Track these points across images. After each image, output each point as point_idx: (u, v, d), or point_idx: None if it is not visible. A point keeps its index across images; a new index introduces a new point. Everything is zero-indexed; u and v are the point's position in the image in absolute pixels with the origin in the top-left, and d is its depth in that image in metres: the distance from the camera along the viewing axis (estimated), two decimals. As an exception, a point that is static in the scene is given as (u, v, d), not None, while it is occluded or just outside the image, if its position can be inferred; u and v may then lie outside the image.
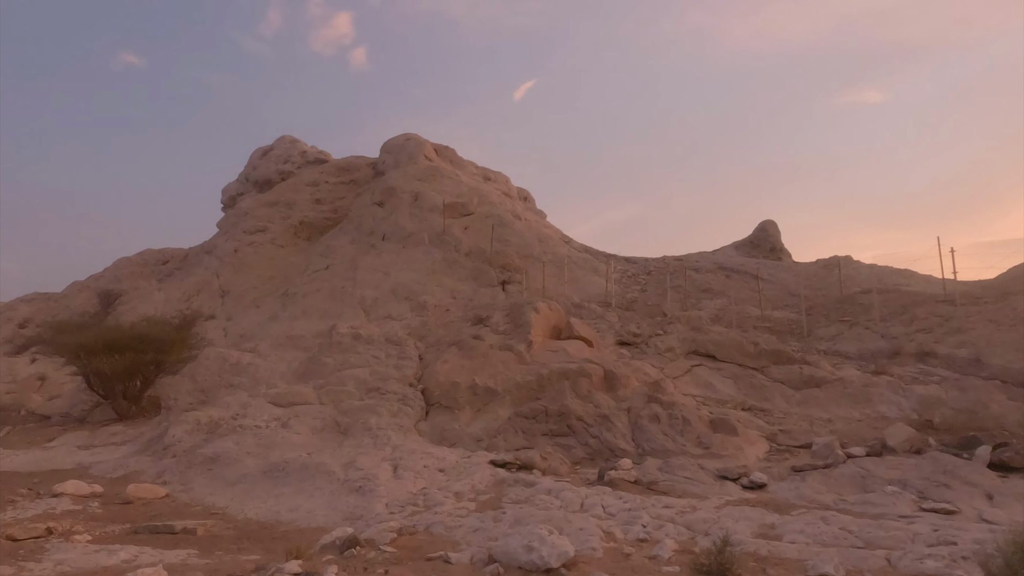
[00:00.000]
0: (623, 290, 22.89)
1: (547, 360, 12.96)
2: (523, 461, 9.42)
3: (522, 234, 26.11)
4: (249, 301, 26.36)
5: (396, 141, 32.70)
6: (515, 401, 11.98)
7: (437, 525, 6.67)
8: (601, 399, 11.54)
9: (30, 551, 5.76)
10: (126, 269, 35.80)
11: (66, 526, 6.87)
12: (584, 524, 6.39)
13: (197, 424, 11.73)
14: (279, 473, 9.43)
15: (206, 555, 5.95)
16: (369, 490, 8.28)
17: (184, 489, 9.48)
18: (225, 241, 31.47)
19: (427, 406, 12.49)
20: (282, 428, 11.39)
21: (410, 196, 27.70)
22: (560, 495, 7.78)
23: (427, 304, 19.95)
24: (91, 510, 8.08)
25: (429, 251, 24.44)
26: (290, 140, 37.76)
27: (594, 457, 10.49)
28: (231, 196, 37.57)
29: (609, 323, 18.17)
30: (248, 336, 21.16)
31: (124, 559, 5.64)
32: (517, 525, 6.42)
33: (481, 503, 7.76)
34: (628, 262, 26.84)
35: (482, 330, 14.47)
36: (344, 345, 14.64)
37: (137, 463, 11.24)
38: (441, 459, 9.79)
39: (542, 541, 5.31)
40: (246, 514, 8.07)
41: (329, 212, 31.69)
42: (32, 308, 33.26)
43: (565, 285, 21.99)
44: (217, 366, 14.58)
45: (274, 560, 5.55)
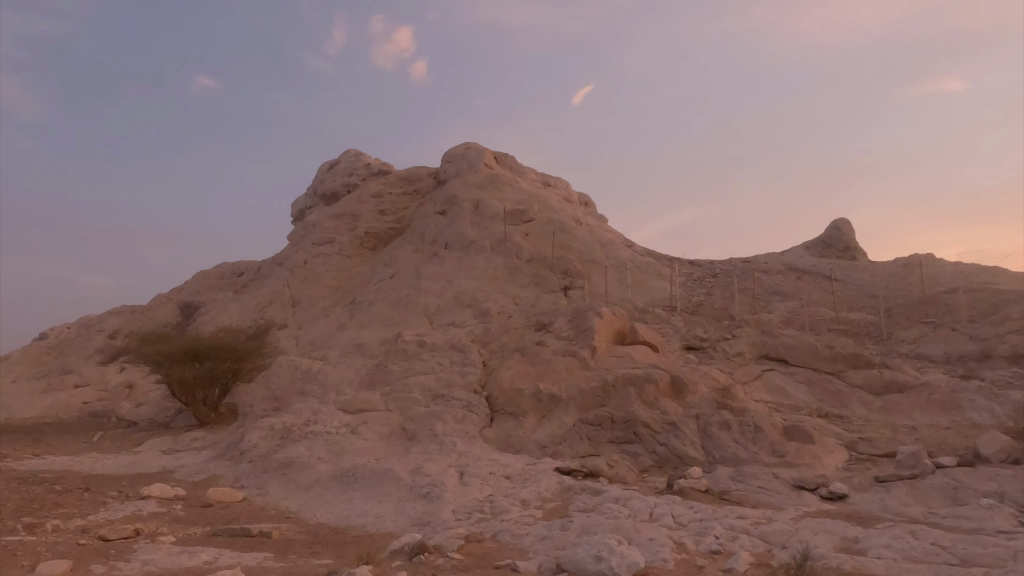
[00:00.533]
0: (688, 294, 22.37)
1: (611, 366, 12.78)
2: (589, 468, 9.30)
3: (583, 239, 25.93)
4: (318, 310, 27.18)
5: (456, 150, 33.13)
6: (580, 407, 11.85)
7: (504, 533, 6.65)
8: (668, 405, 11.28)
9: (119, 551, 6.06)
10: (205, 282, 37.62)
11: (152, 528, 7.21)
12: (654, 534, 6.23)
13: (271, 430, 12.13)
14: (349, 478, 9.63)
15: (281, 558, 6.11)
16: (436, 496, 8.34)
17: (260, 493, 9.80)
18: (295, 253, 32.60)
19: (491, 412, 12.51)
20: (351, 434, 11.63)
21: (471, 204, 27.97)
22: (628, 504, 7.63)
23: (490, 311, 20.05)
24: (175, 512, 8.45)
25: (491, 258, 24.58)
26: (355, 153, 38.84)
27: (662, 465, 10.26)
28: (300, 209, 38.93)
29: (674, 328, 17.78)
30: (318, 344, 21.79)
31: (205, 561, 5.86)
32: (585, 534, 6.32)
33: (548, 511, 7.69)
34: (693, 265, 26.23)
35: (545, 336, 14.41)
36: (409, 352, 14.86)
37: (216, 467, 11.70)
38: (506, 466, 9.77)
39: (611, 551, 5.20)
40: (318, 518, 8.26)
41: (393, 222, 32.38)
42: (120, 320, 35.36)
43: (628, 290, 21.67)
44: (289, 374, 15.05)
45: (346, 565, 5.65)
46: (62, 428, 20.05)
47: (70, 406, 25.72)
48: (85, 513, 8.14)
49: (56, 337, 37.28)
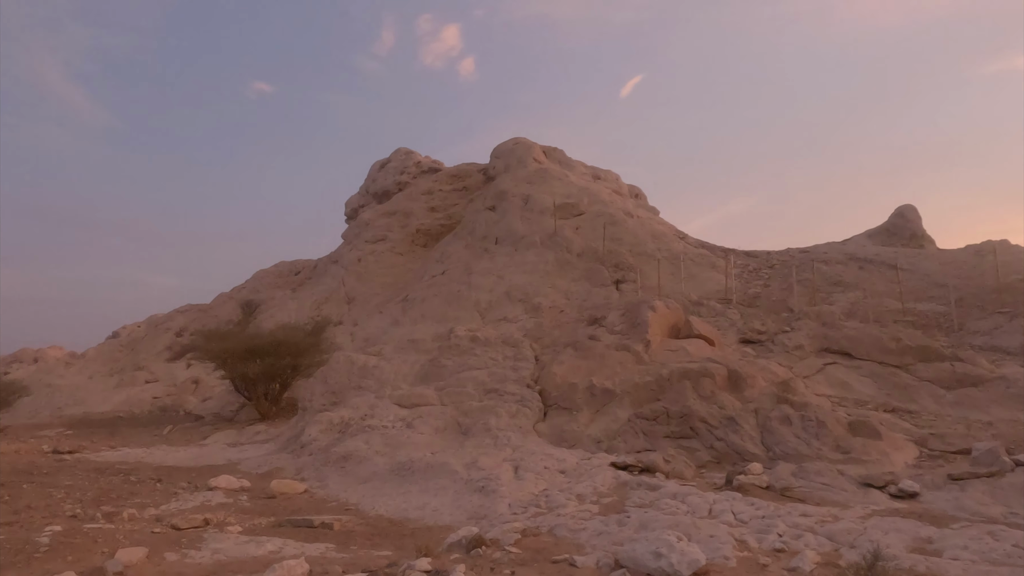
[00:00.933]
0: (744, 286, 21.81)
1: (666, 360, 12.58)
2: (645, 463, 9.18)
3: (635, 232, 25.60)
4: (372, 307, 27.70)
5: (505, 146, 33.17)
6: (634, 402, 11.71)
7: (560, 527, 6.62)
8: (726, 400, 11.02)
9: (191, 540, 6.31)
10: (264, 280, 38.84)
11: (220, 517, 7.48)
12: (714, 531, 6.10)
13: (330, 424, 12.43)
14: (406, 472, 9.78)
15: (343, 549, 6.25)
16: (492, 490, 8.38)
17: (320, 485, 10.06)
18: (349, 251, 33.30)
19: (545, 407, 12.49)
20: (407, 428, 11.81)
21: (521, 199, 27.97)
22: (686, 500, 7.50)
23: (541, 306, 20.02)
24: (240, 503, 8.75)
25: (541, 253, 24.54)
26: (405, 152, 39.36)
27: (720, 460, 10.04)
28: (353, 208, 39.72)
29: (730, 320, 17.37)
30: (372, 340, 22.21)
31: (271, 550, 6.04)
32: (643, 530, 6.25)
33: (604, 506, 7.63)
34: (748, 256, 25.55)
35: (598, 330, 14.29)
36: (462, 347, 14.98)
37: (278, 460, 12.06)
38: (561, 460, 9.74)
39: (671, 548, 5.11)
40: (377, 510, 8.41)
41: (444, 219, 32.69)
42: (186, 318, 36.86)
43: (682, 282, 21.29)
44: (346, 369, 15.38)
45: (405, 557, 5.73)
46: (135, 422, 21.04)
47: (141, 401, 26.98)
48: (158, 503, 8.52)
49: (128, 335, 39.18)
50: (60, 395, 29.32)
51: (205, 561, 5.63)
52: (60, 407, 27.35)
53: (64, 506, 7.98)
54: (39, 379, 32.47)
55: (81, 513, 7.52)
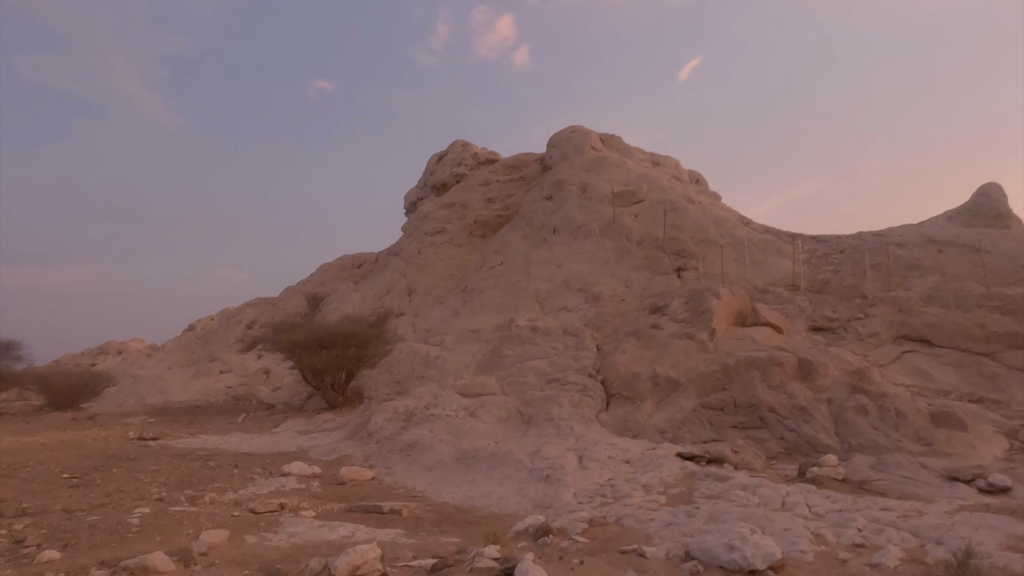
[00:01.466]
0: (813, 271, 21.01)
1: (732, 348, 12.26)
2: (713, 454, 8.98)
3: (696, 218, 25.01)
4: (433, 298, 28.07)
5: (562, 134, 32.94)
6: (699, 391, 11.47)
7: (628, 518, 6.56)
8: (796, 389, 10.66)
9: (268, 523, 6.56)
10: (328, 273, 39.93)
11: (294, 503, 7.75)
12: (789, 524, 5.91)
13: (395, 413, 12.69)
14: (470, 460, 9.88)
15: (412, 535, 6.37)
16: (557, 479, 8.38)
17: (387, 472, 10.28)
18: (409, 243, 33.81)
19: (607, 396, 12.39)
20: (470, 417, 11.93)
21: (578, 188, 27.74)
22: (757, 491, 7.29)
23: (601, 295, 19.83)
24: (312, 489, 9.03)
25: (600, 241, 24.29)
26: (462, 144, 39.60)
27: (791, 452, 9.73)
28: (412, 201, 40.30)
29: (799, 308, 16.77)
30: (433, 331, 22.51)
31: (343, 535, 6.21)
32: (713, 522, 6.12)
33: (671, 497, 7.51)
34: (817, 241, 24.58)
35: (660, 319, 14.05)
36: (523, 337, 15.00)
37: (346, 448, 12.40)
38: (625, 450, 9.64)
39: (744, 540, 4.99)
40: (443, 498, 8.53)
41: (501, 209, 32.77)
42: (256, 311, 38.29)
43: (746, 269, 20.68)
44: (409, 359, 15.65)
45: (473, 544, 5.79)
46: (211, 410, 22.03)
47: (216, 390, 28.24)
48: (236, 487, 8.89)
49: (202, 328, 41.01)
50: (142, 385, 31.01)
51: (282, 544, 5.83)
52: (143, 396, 28.93)
53: (151, 489, 8.43)
54: (123, 370, 34.43)
55: (167, 496, 7.93)
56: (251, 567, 5.03)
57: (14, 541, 5.63)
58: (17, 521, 6.41)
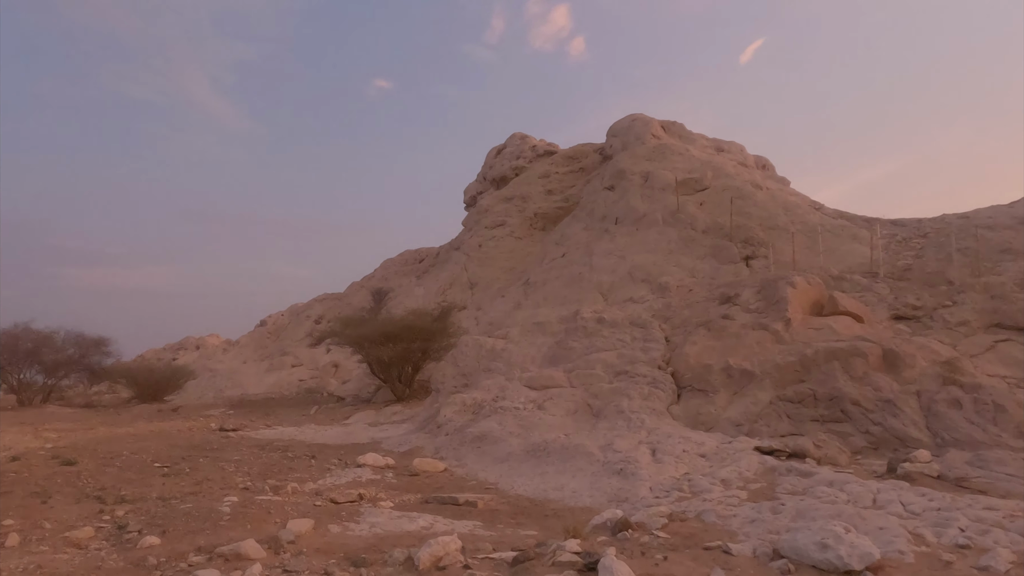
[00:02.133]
0: (892, 257, 19.98)
1: (809, 339, 11.79)
2: (793, 448, 8.66)
3: (764, 204, 24.18)
4: (495, 291, 28.19)
5: (622, 123, 32.43)
6: (775, 384, 11.09)
7: (708, 513, 6.39)
8: (881, 381, 10.16)
9: (349, 513, 6.71)
10: (391, 269, 40.69)
11: (372, 493, 7.90)
12: (883, 523, 5.63)
13: (463, 405, 12.79)
14: (541, 453, 9.85)
15: (489, 527, 6.39)
16: (631, 473, 8.25)
17: (459, 464, 10.37)
18: (470, 237, 34.05)
19: (678, 389, 12.14)
20: (538, 410, 11.90)
21: (640, 177, 27.27)
22: (845, 488, 6.98)
23: (667, 285, 19.45)
24: (387, 480, 9.21)
25: (664, 231, 23.81)
26: (520, 136, 39.54)
27: (877, 446, 9.29)
28: (472, 195, 40.55)
29: (879, 295, 15.97)
30: (497, 324, 22.60)
31: (423, 526, 6.29)
32: (800, 519, 5.89)
33: (752, 492, 7.28)
34: (895, 225, 23.35)
35: (731, 309, 13.66)
36: (589, 329, 14.86)
37: (417, 439, 12.59)
38: (700, 444, 9.42)
39: (838, 539, 4.77)
40: (516, 490, 8.54)
41: (561, 201, 32.57)
42: (323, 306, 39.42)
43: (819, 256, 19.86)
44: (474, 352, 15.75)
45: (551, 537, 5.76)
46: (285, 402, 22.82)
47: (289, 383, 29.24)
48: (315, 477, 9.15)
49: (273, 323, 42.53)
50: (220, 378, 32.42)
51: (364, 534, 5.95)
52: (221, 389, 30.24)
53: (236, 479, 8.77)
54: (202, 364, 36.09)
55: (252, 486, 8.23)
56: (337, 556, 5.14)
57: (118, 527, 5.95)
58: (118, 507, 6.78)
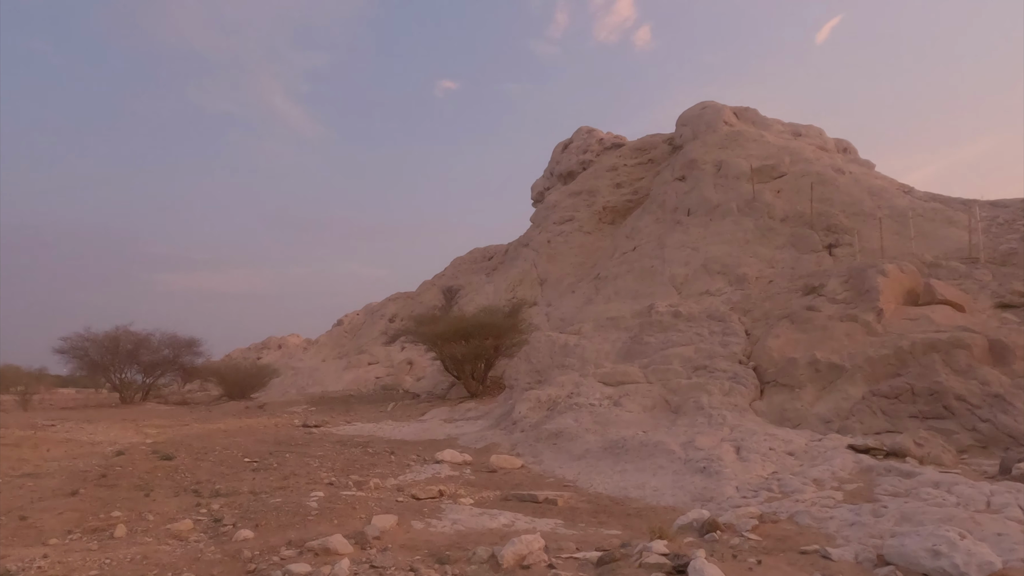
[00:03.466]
0: (993, 241, 18.56)
1: (904, 330, 11.09)
2: (891, 447, 8.14)
3: (847, 189, 22.98)
4: (565, 287, 28.02)
5: (692, 112, 31.60)
6: (867, 378, 10.48)
7: (802, 515, 6.07)
8: (988, 374, 9.42)
9: (431, 510, 6.76)
10: (461, 267, 41.15)
11: (452, 489, 7.95)
12: (1001, 528, 5.18)
13: (538, 402, 12.74)
14: (619, 450, 9.67)
15: (571, 526, 6.29)
16: (715, 471, 7.97)
17: (535, 461, 10.32)
18: (538, 233, 33.98)
19: (760, 384, 11.67)
20: (614, 406, 11.71)
21: (712, 166, 26.47)
22: (953, 490, 6.49)
23: (746, 276, 18.78)
24: (466, 476, 9.25)
25: (739, 220, 23.03)
26: (586, 130, 39.15)
27: (986, 445, 8.61)
28: (539, 191, 40.47)
29: (980, 282, 14.86)
30: (568, 320, 22.45)
31: (504, 523, 6.26)
32: (906, 523, 5.51)
33: (848, 493, 6.88)
34: (995, 206, 21.71)
35: (816, 300, 13.02)
36: (664, 323, 14.51)
37: (493, 436, 12.62)
38: (787, 441, 9.00)
39: (952, 546, 4.41)
40: (595, 488, 8.41)
41: (630, 194, 32.05)
42: (397, 305, 40.29)
43: (911, 242, 18.69)
44: (547, 348, 15.67)
45: (635, 537, 5.61)
46: (363, 399, 23.45)
47: (366, 380, 30.04)
48: (396, 473, 9.30)
49: (349, 323, 43.83)
50: (301, 376, 33.67)
51: (447, 531, 5.97)
52: (303, 386, 31.41)
53: (320, 474, 9.02)
54: (284, 363, 37.60)
55: (336, 481, 8.44)
56: (421, 552, 5.17)
57: (214, 520, 6.21)
58: (214, 501, 7.08)
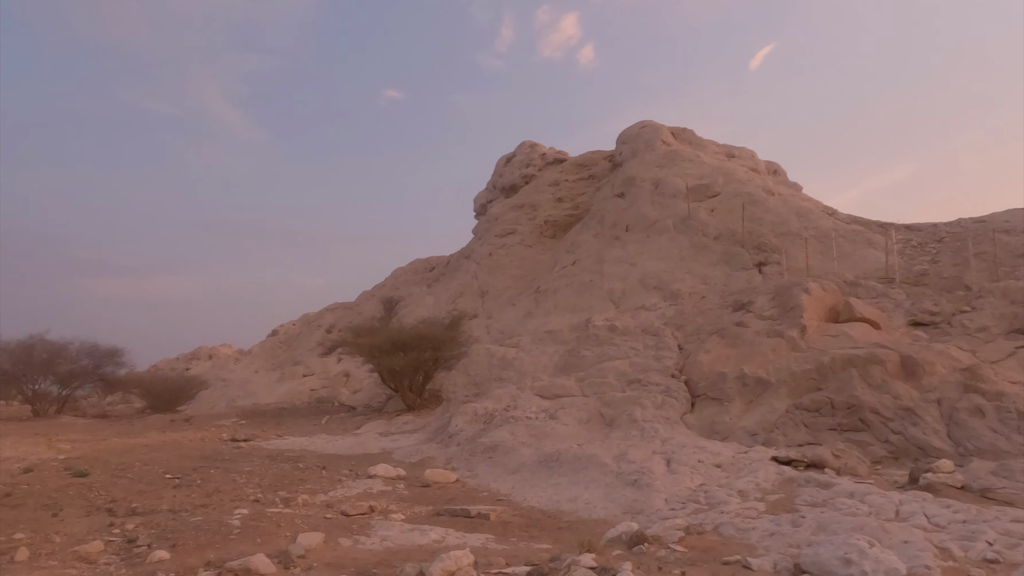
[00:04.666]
0: (908, 263, 19.74)
1: (826, 346, 11.61)
2: (812, 458, 8.49)
3: (776, 210, 24.00)
4: (505, 300, 28.11)
5: (631, 130, 32.38)
6: (791, 392, 10.91)
7: (726, 526, 6.25)
8: (900, 389, 9.97)
9: (360, 526, 6.62)
10: (402, 278, 40.72)
11: (383, 505, 7.81)
12: (908, 536, 5.47)
13: (475, 415, 12.69)
14: (553, 463, 9.73)
15: (502, 540, 6.28)
16: (645, 484, 8.11)
17: (471, 475, 10.26)
18: (480, 246, 34.02)
19: (692, 397, 11.98)
20: (550, 419, 11.79)
21: (650, 184, 27.16)
22: (866, 499, 6.81)
23: (679, 292, 19.29)
24: (399, 491, 9.11)
25: (675, 238, 23.68)
26: (529, 145, 39.56)
27: (897, 456, 9.10)
28: (482, 204, 40.58)
29: (895, 301, 15.75)
30: (508, 332, 22.51)
31: (434, 539, 6.19)
32: (822, 532, 5.74)
33: (771, 504, 7.12)
34: (910, 230, 23.10)
35: (745, 316, 13.50)
36: (601, 337, 14.74)
37: (428, 449, 12.49)
38: (715, 454, 9.26)
39: (862, 554, 4.62)
40: (529, 501, 8.42)
41: (571, 209, 32.51)
42: (335, 316, 39.47)
43: (834, 262, 19.66)
44: (486, 361, 15.67)
45: (566, 551, 5.63)
46: (296, 412, 22.79)
47: (300, 392, 29.24)
48: (326, 489, 9.07)
49: (284, 333, 42.63)
50: (232, 388, 32.50)
51: (375, 548, 5.85)
52: (233, 399, 30.31)
53: (247, 490, 8.70)
54: (214, 374, 36.20)
55: (262, 498, 8.16)
56: (347, 570, 5.05)
57: (127, 540, 5.89)
58: (129, 520, 6.73)
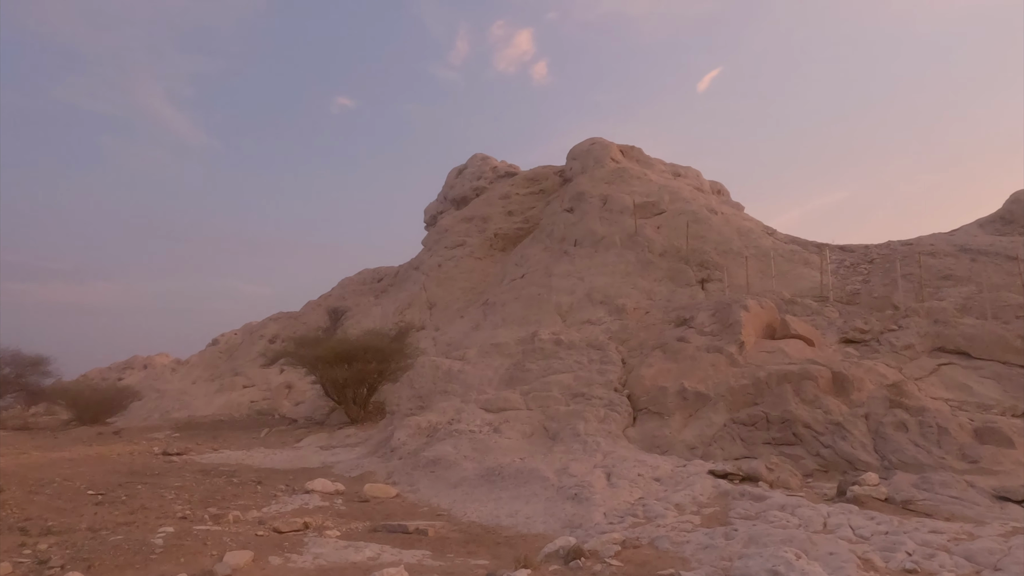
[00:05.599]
0: (841, 282, 20.58)
1: (762, 362, 11.96)
2: (746, 472, 8.69)
3: (719, 229, 24.69)
4: (454, 312, 27.97)
5: (581, 147, 32.84)
6: (729, 406, 11.18)
7: (662, 539, 6.31)
8: (831, 404, 10.33)
9: (292, 544, 6.42)
10: (349, 288, 40.06)
11: (318, 521, 7.60)
12: (833, 547, 5.63)
13: (418, 428, 12.53)
14: (495, 477, 9.68)
15: (439, 556, 6.19)
16: (585, 498, 8.15)
17: (411, 490, 10.11)
18: (429, 257, 33.82)
19: (634, 411, 12.13)
20: (494, 433, 11.73)
21: (599, 200, 27.57)
22: (796, 512, 7.01)
23: (625, 307, 19.57)
24: (336, 507, 8.89)
25: (622, 253, 24.06)
26: (481, 157, 39.69)
27: (827, 469, 9.41)
28: (432, 215, 40.41)
29: (829, 319, 16.37)
30: (455, 345, 22.38)
31: (369, 556, 6.05)
32: (753, 544, 5.86)
33: (706, 517, 7.25)
34: (844, 251, 24.11)
35: (686, 331, 13.78)
36: (546, 351, 14.80)
37: (370, 463, 12.25)
38: (655, 467, 9.38)
39: (789, 566, 4.74)
40: (469, 516, 8.34)
41: (521, 222, 32.68)
42: (279, 325, 38.49)
43: (772, 280, 20.32)
44: (431, 373, 15.52)
45: (503, 566, 5.60)
46: (234, 424, 22.05)
47: (240, 404, 28.34)
48: (260, 505, 8.77)
49: (226, 342, 41.32)
50: (167, 399, 31.24)
51: (307, 566, 5.68)
52: (168, 411, 29.13)
53: (175, 507, 8.34)
54: (149, 384, 34.75)
55: (191, 514, 7.83)
56: (276, 591, 4.89)
57: (39, 561, 5.55)
58: (43, 540, 6.34)
